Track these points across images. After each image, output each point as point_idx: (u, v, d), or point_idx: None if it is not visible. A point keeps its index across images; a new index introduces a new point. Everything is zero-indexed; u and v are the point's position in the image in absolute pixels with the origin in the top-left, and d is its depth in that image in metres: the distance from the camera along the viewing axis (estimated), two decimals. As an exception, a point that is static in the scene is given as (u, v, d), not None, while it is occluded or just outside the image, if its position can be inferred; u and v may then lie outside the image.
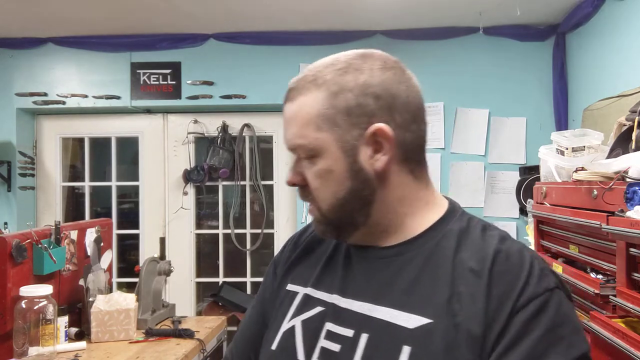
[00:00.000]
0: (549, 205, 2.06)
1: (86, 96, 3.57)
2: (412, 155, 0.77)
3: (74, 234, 2.24)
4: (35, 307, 1.77)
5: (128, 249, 3.80)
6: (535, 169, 2.84)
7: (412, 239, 0.77)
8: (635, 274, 1.44)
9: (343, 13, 3.15)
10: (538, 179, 2.43)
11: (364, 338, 0.71)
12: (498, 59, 3.45)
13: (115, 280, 3.38)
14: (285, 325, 0.80)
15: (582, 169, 1.78)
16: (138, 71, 3.56)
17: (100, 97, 3.56)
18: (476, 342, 0.65)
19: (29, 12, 3.12)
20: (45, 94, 3.57)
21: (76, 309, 2.22)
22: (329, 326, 0.75)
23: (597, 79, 2.89)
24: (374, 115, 0.73)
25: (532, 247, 2.30)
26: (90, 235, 2.37)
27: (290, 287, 0.85)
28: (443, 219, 0.78)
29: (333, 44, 3.36)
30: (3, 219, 3.50)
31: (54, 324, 1.84)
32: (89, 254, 2.35)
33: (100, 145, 3.82)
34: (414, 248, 0.76)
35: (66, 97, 3.57)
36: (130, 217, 3.76)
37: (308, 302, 0.80)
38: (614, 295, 1.48)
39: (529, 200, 2.40)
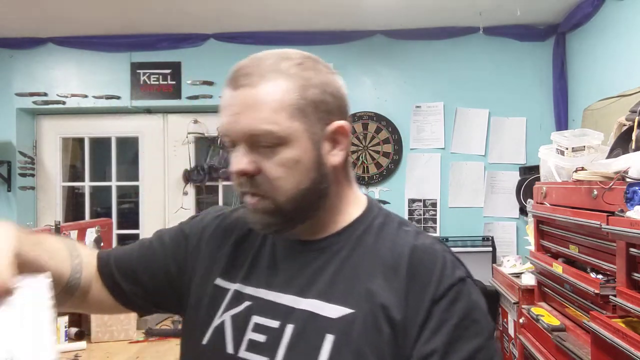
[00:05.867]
0: (549, 205, 2.06)
1: (86, 96, 3.57)
2: (348, 155, 0.82)
3: (74, 234, 2.24)
4: (35, 307, 1.77)
5: (128, 249, 3.80)
6: (535, 169, 2.83)
7: (336, 233, 0.81)
8: (635, 274, 1.44)
9: (343, 13, 3.15)
10: (538, 179, 2.43)
11: (289, 328, 0.74)
12: (498, 59, 3.45)
13: (115, 280, 3.37)
14: (216, 321, 0.82)
15: (582, 169, 1.78)
16: (138, 71, 3.56)
17: (100, 97, 3.56)
18: (396, 327, 0.71)
19: (29, 12, 3.12)
20: (45, 94, 3.57)
21: (76, 309, 2.22)
22: (256, 319, 0.78)
23: (597, 79, 2.89)
24: (332, 113, 0.77)
25: (532, 247, 2.30)
26: (90, 235, 2.37)
27: (220, 282, 0.85)
28: (364, 214, 0.83)
29: (333, 43, 3.36)
30: (3, 219, 3.50)
31: (54, 324, 1.84)
32: (89, 254, 2.35)
33: (100, 145, 3.82)
34: (339, 241, 0.80)
35: (66, 97, 3.57)
36: (130, 217, 3.76)
37: (238, 297, 0.82)
38: (614, 295, 1.48)
39: (529, 200, 2.40)
